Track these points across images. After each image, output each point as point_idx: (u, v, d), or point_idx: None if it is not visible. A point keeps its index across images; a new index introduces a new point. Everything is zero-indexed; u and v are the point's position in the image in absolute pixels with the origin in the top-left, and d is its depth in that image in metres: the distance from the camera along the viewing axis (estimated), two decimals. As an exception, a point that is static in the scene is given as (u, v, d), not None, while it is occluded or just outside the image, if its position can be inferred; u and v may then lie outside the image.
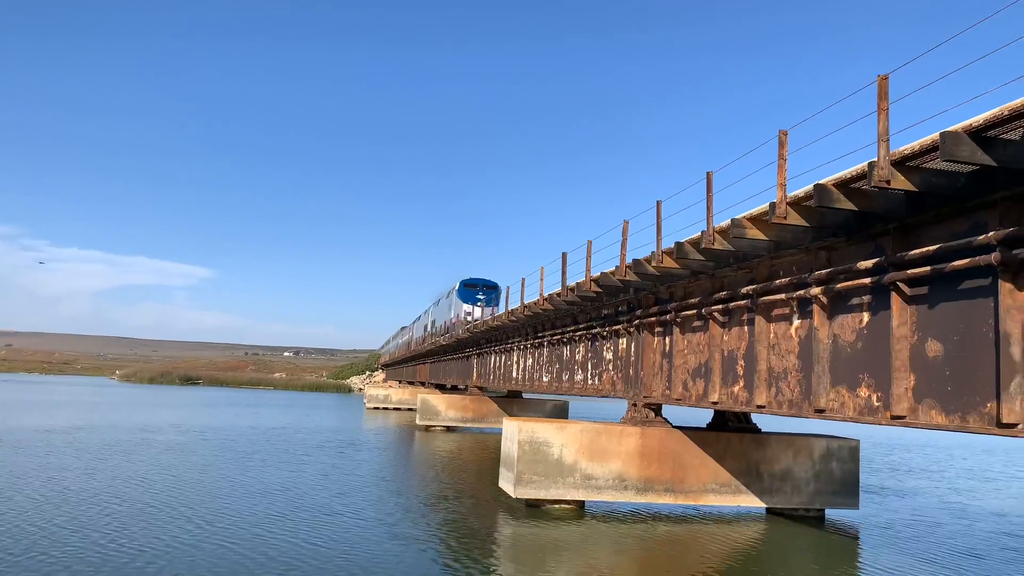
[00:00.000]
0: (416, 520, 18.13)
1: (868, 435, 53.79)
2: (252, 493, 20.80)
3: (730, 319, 15.70)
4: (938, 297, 10.06)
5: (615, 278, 18.87)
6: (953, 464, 39.11)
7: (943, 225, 10.08)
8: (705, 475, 19.79)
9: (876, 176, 9.25)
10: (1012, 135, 8.13)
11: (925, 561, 16.14)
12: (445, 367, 61.13)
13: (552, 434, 19.50)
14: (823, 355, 12.36)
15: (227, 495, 20.35)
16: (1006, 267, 8.73)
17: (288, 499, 20.01)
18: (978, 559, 16.58)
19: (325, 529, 16.37)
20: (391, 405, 74.55)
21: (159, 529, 15.61)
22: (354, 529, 16.56)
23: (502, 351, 38.24)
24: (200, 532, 15.53)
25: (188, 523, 16.36)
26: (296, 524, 16.72)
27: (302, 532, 15.97)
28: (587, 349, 24.75)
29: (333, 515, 18.03)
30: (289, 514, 17.87)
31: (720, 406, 16.08)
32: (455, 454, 35.24)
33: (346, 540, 15.38)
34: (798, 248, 13.12)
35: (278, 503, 19.38)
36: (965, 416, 9.46)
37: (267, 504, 19.13)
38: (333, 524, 16.97)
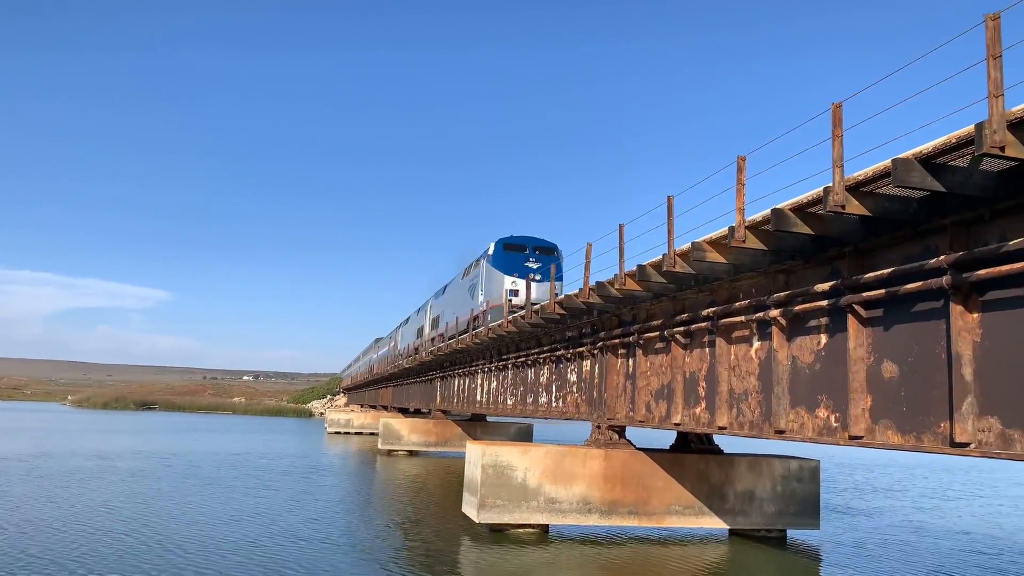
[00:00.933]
0: (378, 547, 17.84)
1: (830, 455, 54.50)
2: (219, 520, 20.38)
3: (692, 341, 15.86)
4: (893, 319, 10.29)
5: (579, 300, 18.96)
6: (914, 483, 39.81)
7: (897, 249, 10.33)
8: (668, 497, 19.84)
9: (831, 201, 9.46)
10: (960, 162, 8.40)
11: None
12: (408, 391, 60.59)
13: (516, 457, 19.40)
14: (782, 376, 12.52)
15: (197, 522, 19.92)
16: (956, 290, 8.97)
17: (256, 525, 19.60)
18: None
19: (288, 556, 16.04)
20: (353, 429, 73.56)
21: (132, 557, 15.25)
22: (319, 556, 16.25)
23: (466, 374, 38.06)
24: (175, 559, 15.23)
25: (162, 550, 16.05)
26: (264, 550, 16.40)
27: (270, 558, 15.68)
28: (551, 371, 24.75)
29: (297, 541, 17.66)
30: (258, 540, 17.52)
31: (683, 428, 16.18)
32: (418, 479, 34.85)
33: (310, 566, 15.07)
34: (757, 271, 13.33)
35: (247, 529, 18.99)
36: (920, 436, 9.64)
37: (236, 530, 18.76)
38: (297, 550, 16.63)
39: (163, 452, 43.69)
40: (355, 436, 70.29)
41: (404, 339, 61.26)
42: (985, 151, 7.25)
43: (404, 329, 62.92)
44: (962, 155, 8.17)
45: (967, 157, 8.19)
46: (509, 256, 31.05)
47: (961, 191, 8.53)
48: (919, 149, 8.42)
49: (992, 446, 8.58)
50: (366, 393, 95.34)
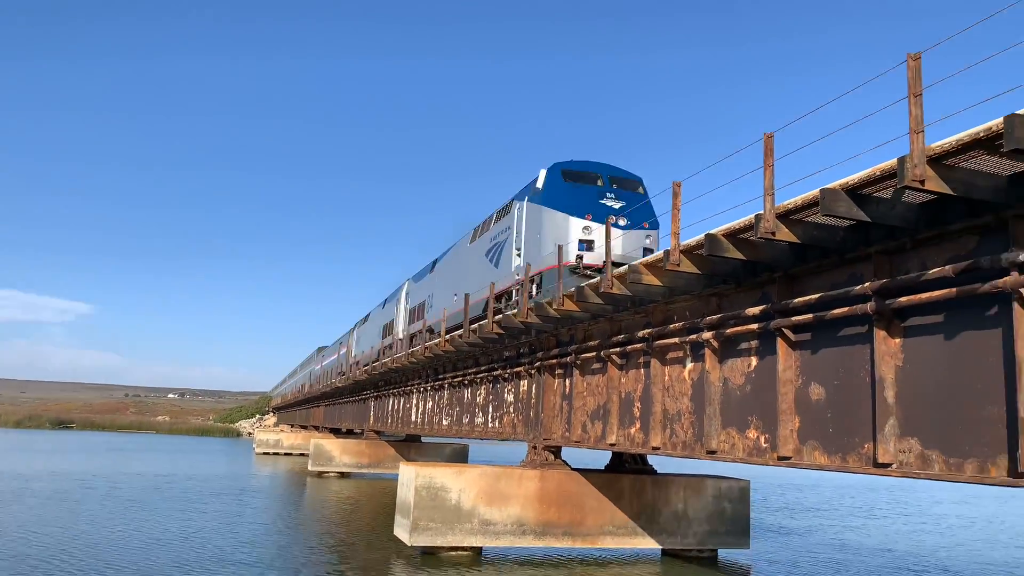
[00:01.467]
0: (308, 571, 17.35)
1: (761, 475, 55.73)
2: (145, 544, 19.57)
3: (628, 362, 16.05)
4: (820, 343, 10.64)
5: (517, 320, 19.00)
6: (841, 502, 41.00)
7: (824, 275, 10.71)
8: (603, 518, 19.93)
9: (762, 228, 9.76)
10: (884, 193, 8.79)
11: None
12: (341, 410, 59.51)
13: (450, 479, 19.21)
14: (714, 398, 12.78)
15: (121, 547, 19.04)
16: (880, 316, 9.34)
17: (183, 550, 18.81)
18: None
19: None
20: (282, 450, 71.66)
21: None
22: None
23: (401, 394, 37.61)
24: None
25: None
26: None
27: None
28: (488, 391, 24.68)
29: (226, 566, 17.03)
30: (185, 565, 16.82)
31: (617, 448, 16.32)
32: (349, 501, 34.14)
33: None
34: (691, 294, 13.63)
35: (175, 553, 18.22)
36: (845, 457, 9.96)
37: (163, 555, 18.02)
38: (227, 575, 16.03)
39: (83, 473, 41.66)
40: (284, 457, 68.47)
41: (363, 342, 49.58)
42: (906, 184, 7.61)
43: (363, 330, 51.15)
44: (886, 187, 8.55)
45: (890, 189, 8.58)
46: (573, 190, 19.81)
47: (885, 221, 8.92)
48: (846, 180, 8.77)
49: (912, 466, 8.91)
50: (297, 412, 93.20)
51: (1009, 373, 7.82)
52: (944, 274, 8.45)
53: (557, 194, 20.00)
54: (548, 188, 20.41)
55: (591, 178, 20.36)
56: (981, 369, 8.20)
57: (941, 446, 8.58)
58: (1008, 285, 7.66)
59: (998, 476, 7.88)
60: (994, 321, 8.09)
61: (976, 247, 8.45)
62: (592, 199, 19.62)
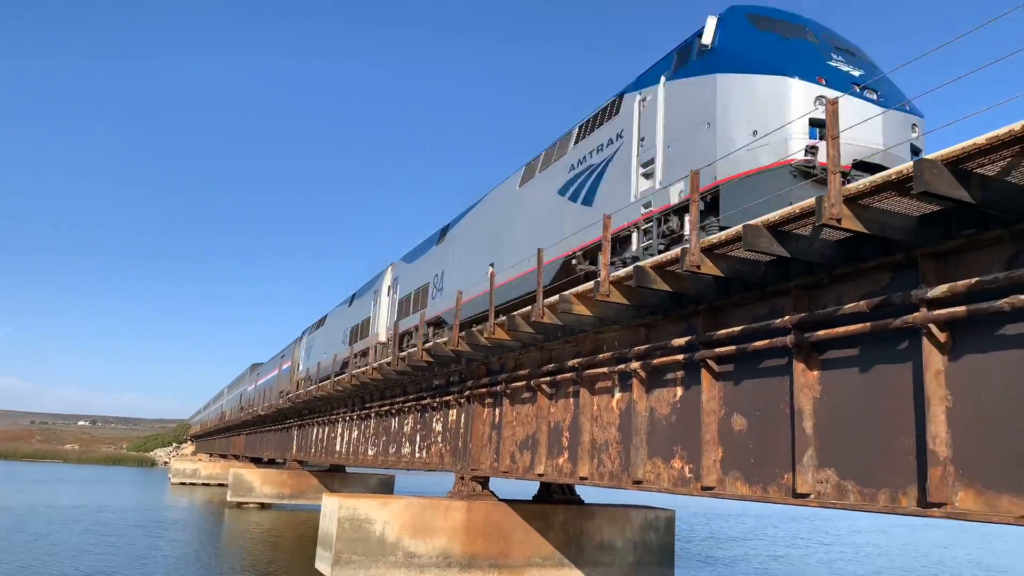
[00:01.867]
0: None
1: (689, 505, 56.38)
2: None
3: (557, 391, 16.09)
4: (742, 374, 10.89)
5: (448, 348, 18.85)
6: (765, 532, 41.85)
7: (747, 308, 11.00)
8: (530, 549, 19.78)
9: (688, 261, 9.98)
10: (803, 230, 9.11)
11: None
12: (262, 439, 57.69)
13: (375, 510, 18.78)
14: (641, 428, 12.91)
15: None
16: (799, 348, 9.63)
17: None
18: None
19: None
20: (200, 480, 68.90)
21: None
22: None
23: (326, 422, 36.73)
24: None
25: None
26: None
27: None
28: (416, 421, 24.33)
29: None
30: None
31: (546, 478, 16.27)
32: (269, 533, 32.97)
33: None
34: (620, 324, 13.79)
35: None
36: (766, 487, 10.16)
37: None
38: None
39: (-23, 506, 39.09)
40: (202, 487, 65.85)
41: (317, 351, 40.99)
42: (824, 222, 7.91)
43: (316, 338, 42.24)
44: (805, 224, 8.87)
45: (809, 226, 8.90)
46: (780, 43, 12.24)
47: (804, 257, 9.24)
48: (767, 217, 9.07)
49: (829, 497, 9.15)
50: (217, 441, 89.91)
51: (919, 406, 8.15)
52: (859, 309, 8.78)
53: (751, 49, 12.24)
54: (729, 41, 12.61)
55: (800, 30, 12.65)
56: (893, 401, 8.51)
57: (856, 476, 8.84)
58: (918, 321, 8.01)
59: (908, 506, 8.16)
60: (905, 355, 8.44)
61: (889, 283, 8.83)
62: (816, 57, 11.99)
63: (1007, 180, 7.15)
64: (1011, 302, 7.11)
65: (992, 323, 7.56)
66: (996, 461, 7.36)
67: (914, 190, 7.05)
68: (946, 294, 7.79)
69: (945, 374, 7.93)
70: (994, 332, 7.56)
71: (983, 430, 7.53)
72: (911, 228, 8.25)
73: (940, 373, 7.95)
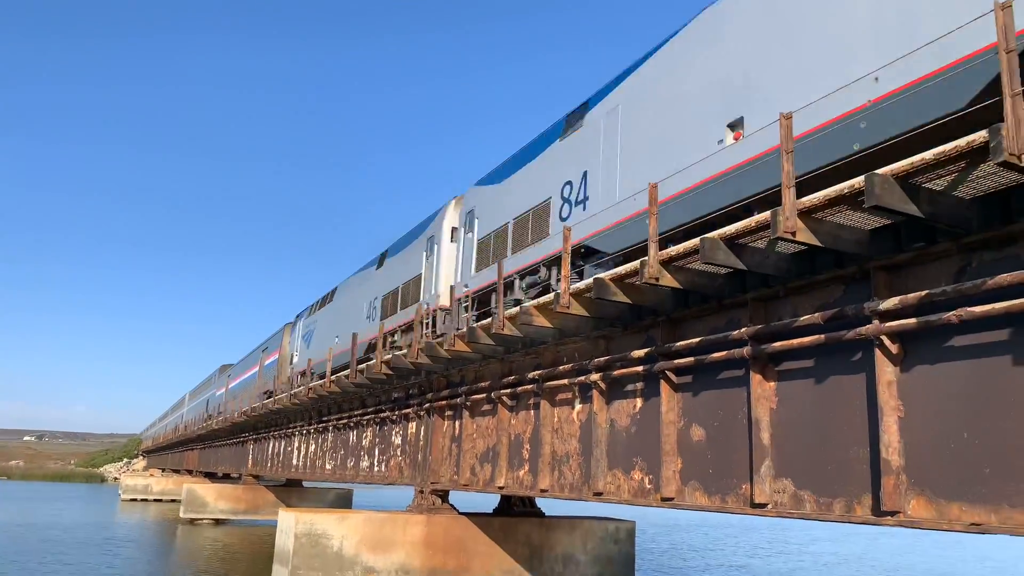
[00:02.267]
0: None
1: (650, 516, 56.65)
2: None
3: (518, 403, 16.04)
4: (701, 386, 10.98)
5: (407, 360, 18.68)
6: (725, 542, 42.20)
7: (705, 320, 11.11)
8: (490, 563, 19.64)
9: (647, 273, 10.05)
10: (759, 244, 9.24)
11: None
12: (217, 453, 56.49)
13: (332, 525, 18.48)
14: (601, 439, 12.92)
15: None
16: (756, 360, 9.75)
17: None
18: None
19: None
20: (152, 496, 67.15)
21: None
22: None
23: (282, 436, 36.10)
24: None
25: None
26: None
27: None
28: (375, 434, 24.05)
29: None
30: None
31: (507, 491, 16.19)
32: (224, 550, 32.22)
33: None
34: (580, 336, 13.82)
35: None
36: (725, 497, 10.24)
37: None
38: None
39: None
40: (154, 503, 64.17)
41: (322, 336, 31.42)
42: (779, 235, 8.03)
43: (316, 320, 33.52)
44: (761, 238, 9.00)
45: (765, 239, 9.03)
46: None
47: (760, 270, 9.37)
48: (724, 230, 9.18)
49: (786, 507, 9.26)
50: (169, 456, 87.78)
51: (872, 416, 8.30)
52: (814, 321, 8.92)
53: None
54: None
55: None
56: (848, 412, 8.66)
57: (812, 486, 8.96)
58: (870, 333, 8.16)
59: (863, 515, 8.28)
60: (859, 366, 8.59)
61: (842, 296, 8.99)
62: None
63: (954, 195, 7.35)
64: (959, 314, 7.29)
65: (942, 334, 7.74)
66: (947, 470, 7.52)
67: (866, 203, 7.19)
68: (897, 306, 7.96)
69: (897, 384, 8.10)
70: (943, 343, 7.74)
71: (934, 440, 7.69)
72: (863, 241, 8.42)
73: (892, 384, 8.11)
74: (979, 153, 6.56)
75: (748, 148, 9.95)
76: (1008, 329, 7.15)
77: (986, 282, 7.14)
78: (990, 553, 39.08)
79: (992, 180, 6.98)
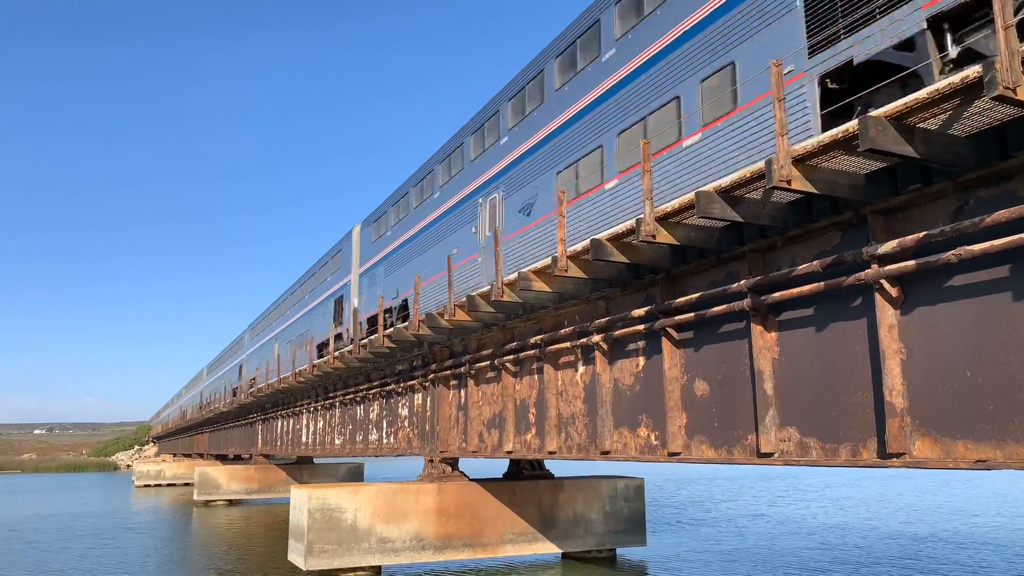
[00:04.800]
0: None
1: (664, 472, 57.22)
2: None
3: (521, 369, 16.10)
4: (702, 340, 10.99)
5: (409, 333, 18.70)
6: (742, 494, 42.66)
7: (703, 275, 11.09)
8: (502, 526, 19.88)
9: (643, 231, 10.00)
10: (755, 194, 9.18)
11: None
12: (226, 436, 56.95)
13: (345, 499, 18.67)
14: (606, 399, 12.98)
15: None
16: (756, 311, 9.74)
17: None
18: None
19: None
20: (165, 481, 67.79)
21: None
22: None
23: (290, 415, 36.34)
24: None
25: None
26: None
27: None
28: (381, 407, 24.18)
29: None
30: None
31: (515, 455, 16.32)
32: (239, 529, 32.61)
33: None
34: (580, 299, 13.81)
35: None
36: (731, 449, 10.31)
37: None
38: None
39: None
40: (168, 488, 64.80)
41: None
42: (775, 184, 7.96)
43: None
44: (756, 188, 8.93)
45: (761, 190, 8.96)
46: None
47: (756, 221, 9.31)
48: (719, 183, 9.10)
49: (792, 455, 9.32)
50: (180, 441, 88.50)
51: (874, 360, 8.31)
52: (812, 269, 8.90)
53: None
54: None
55: None
56: (850, 358, 8.67)
57: (818, 433, 9.02)
58: (870, 277, 8.14)
59: (869, 458, 8.35)
60: (859, 312, 8.59)
61: (840, 242, 8.95)
62: None
63: (949, 133, 7.27)
64: (958, 253, 7.26)
65: (941, 275, 7.72)
66: (951, 409, 7.56)
67: (860, 147, 7.11)
68: (896, 249, 7.92)
69: (898, 328, 8.10)
70: (943, 284, 7.72)
71: (937, 380, 7.72)
72: (859, 186, 8.36)
73: (893, 327, 8.12)
74: (973, 89, 6.47)
75: None
76: (1008, 265, 7.13)
77: (984, 219, 7.09)
78: (1004, 490, 39.70)
79: (987, 116, 6.90)
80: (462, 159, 19.88)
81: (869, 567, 19.08)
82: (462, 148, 19.92)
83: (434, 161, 21.97)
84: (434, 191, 21.66)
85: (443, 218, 20.66)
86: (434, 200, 21.53)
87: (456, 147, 20.33)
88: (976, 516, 29.28)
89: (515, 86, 17.36)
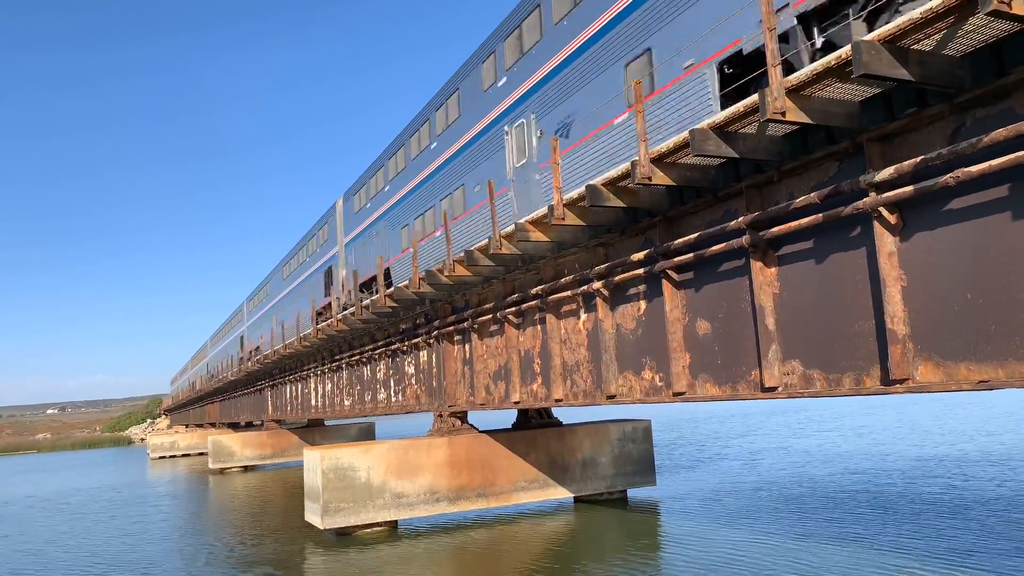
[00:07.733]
0: (222, 567, 16.75)
1: (676, 413, 57.80)
2: (48, 564, 18.22)
3: (524, 320, 16.15)
4: (702, 280, 10.99)
5: (409, 291, 18.73)
6: (760, 428, 43.24)
7: (701, 214, 11.03)
8: (514, 475, 20.20)
9: (639, 174, 9.91)
10: (749, 129, 9.07)
11: (715, 521, 17.62)
12: (236, 404, 57.51)
13: (357, 458, 18.93)
14: (609, 345, 13.05)
15: (20, 571, 17.68)
16: (755, 248, 9.72)
17: (92, 562, 17.68)
18: (753, 515, 18.39)
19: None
20: (179, 452, 68.75)
21: None
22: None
23: (298, 379, 36.63)
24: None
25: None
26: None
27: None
28: (388, 366, 24.35)
29: (137, 574, 16.17)
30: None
31: (522, 405, 16.48)
32: (255, 494, 33.16)
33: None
34: (578, 246, 13.77)
35: (83, 569, 17.09)
36: (735, 385, 10.40)
37: (71, 570, 16.85)
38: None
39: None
40: (183, 459, 65.74)
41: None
42: (769, 117, 7.84)
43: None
44: (750, 122, 8.81)
45: (755, 124, 8.85)
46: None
47: (752, 156, 9.22)
48: (714, 119, 8.98)
49: (796, 387, 9.40)
50: (191, 412, 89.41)
51: (875, 288, 8.32)
52: (810, 201, 8.84)
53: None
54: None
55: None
56: (851, 287, 8.68)
57: (821, 364, 9.07)
58: (868, 205, 8.09)
59: (872, 386, 8.41)
60: (858, 241, 8.56)
61: (837, 172, 8.88)
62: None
63: (944, 53, 7.14)
64: (956, 176, 7.20)
65: (939, 199, 7.67)
66: (952, 332, 7.58)
67: (854, 73, 6.99)
68: (893, 176, 7.86)
69: (898, 255, 8.08)
70: (941, 208, 7.68)
71: (938, 305, 7.73)
72: (854, 114, 8.25)
73: (893, 254, 8.09)
74: (967, 6, 6.33)
75: None
76: (1007, 184, 7.07)
77: (982, 140, 7.01)
78: (1016, 409, 40.29)
79: (983, 33, 6.77)
80: (478, 88, 17.84)
81: (899, 487, 19.41)
82: (473, 76, 18.12)
83: (429, 109, 20.91)
84: (431, 142, 20.50)
85: (449, 163, 19.30)
86: (430, 151, 20.50)
87: (464, 78, 18.58)
88: (991, 435, 29.72)
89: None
